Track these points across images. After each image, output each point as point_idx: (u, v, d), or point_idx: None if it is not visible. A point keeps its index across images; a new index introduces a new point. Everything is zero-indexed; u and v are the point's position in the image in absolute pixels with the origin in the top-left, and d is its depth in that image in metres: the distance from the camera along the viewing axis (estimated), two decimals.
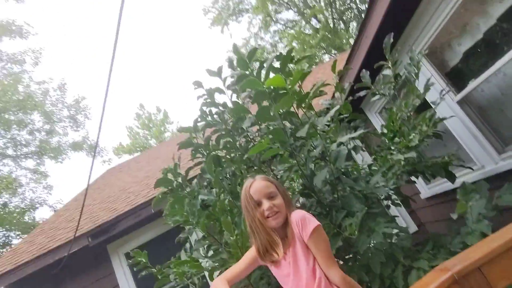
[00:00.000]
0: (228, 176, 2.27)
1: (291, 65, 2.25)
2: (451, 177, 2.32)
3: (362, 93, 2.60)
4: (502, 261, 1.32)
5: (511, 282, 1.32)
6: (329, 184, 2.22)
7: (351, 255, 2.31)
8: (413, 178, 2.56)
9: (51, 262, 3.95)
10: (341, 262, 2.37)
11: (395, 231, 2.18)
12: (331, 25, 20.17)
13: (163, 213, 2.22)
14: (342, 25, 20.99)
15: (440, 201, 3.65)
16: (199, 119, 2.38)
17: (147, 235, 4.16)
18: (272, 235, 1.44)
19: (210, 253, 2.09)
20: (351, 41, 19.41)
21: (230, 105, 2.42)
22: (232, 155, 2.42)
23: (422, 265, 1.87)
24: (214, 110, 2.43)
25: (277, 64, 2.05)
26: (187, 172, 2.20)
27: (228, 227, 1.69)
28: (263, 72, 1.93)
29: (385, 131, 2.62)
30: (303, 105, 2.12)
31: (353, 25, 20.97)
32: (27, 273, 3.92)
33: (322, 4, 20.40)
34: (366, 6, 2.57)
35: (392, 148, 2.42)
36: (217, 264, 1.95)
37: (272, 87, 1.82)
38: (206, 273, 2.15)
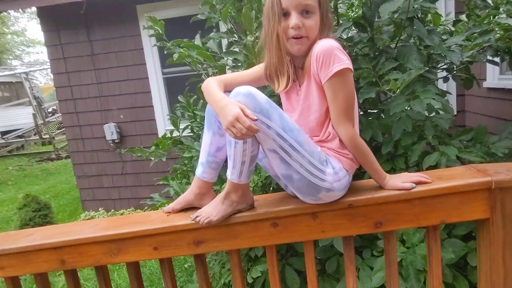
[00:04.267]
0: None
1: None
2: None
3: None
4: None
5: None
6: (394, 24, 1.73)
7: (376, 110, 2.04)
8: (496, 59, 2.01)
9: None
10: (361, 113, 2.11)
11: (438, 106, 1.84)
12: None
13: None
14: None
15: (504, 97, 3.12)
16: None
17: (184, 9, 3.76)
18: (284, 62, 1.08)
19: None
20: None
21: None
22: None
23: (449, 152, 1.60)
24: None
25: None
26: None
27: (248, 22, 1.33)
28: None
29: None
30: None
31: None
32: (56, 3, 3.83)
33: None
34: None
35: (502, 9, 1.78)
36: (230, 64, 1.69)
37: None
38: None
